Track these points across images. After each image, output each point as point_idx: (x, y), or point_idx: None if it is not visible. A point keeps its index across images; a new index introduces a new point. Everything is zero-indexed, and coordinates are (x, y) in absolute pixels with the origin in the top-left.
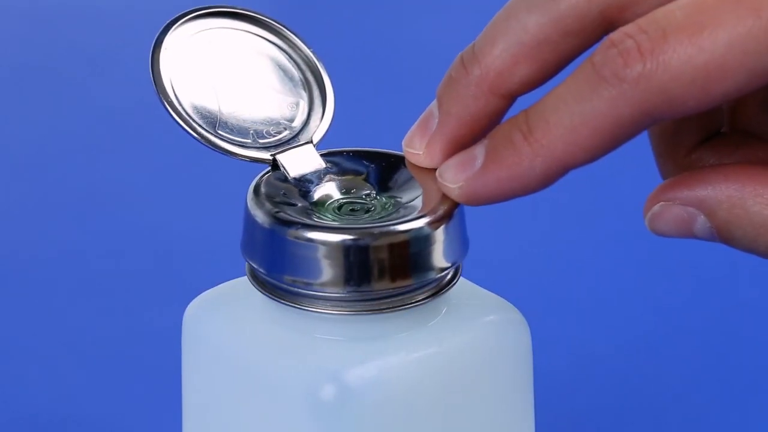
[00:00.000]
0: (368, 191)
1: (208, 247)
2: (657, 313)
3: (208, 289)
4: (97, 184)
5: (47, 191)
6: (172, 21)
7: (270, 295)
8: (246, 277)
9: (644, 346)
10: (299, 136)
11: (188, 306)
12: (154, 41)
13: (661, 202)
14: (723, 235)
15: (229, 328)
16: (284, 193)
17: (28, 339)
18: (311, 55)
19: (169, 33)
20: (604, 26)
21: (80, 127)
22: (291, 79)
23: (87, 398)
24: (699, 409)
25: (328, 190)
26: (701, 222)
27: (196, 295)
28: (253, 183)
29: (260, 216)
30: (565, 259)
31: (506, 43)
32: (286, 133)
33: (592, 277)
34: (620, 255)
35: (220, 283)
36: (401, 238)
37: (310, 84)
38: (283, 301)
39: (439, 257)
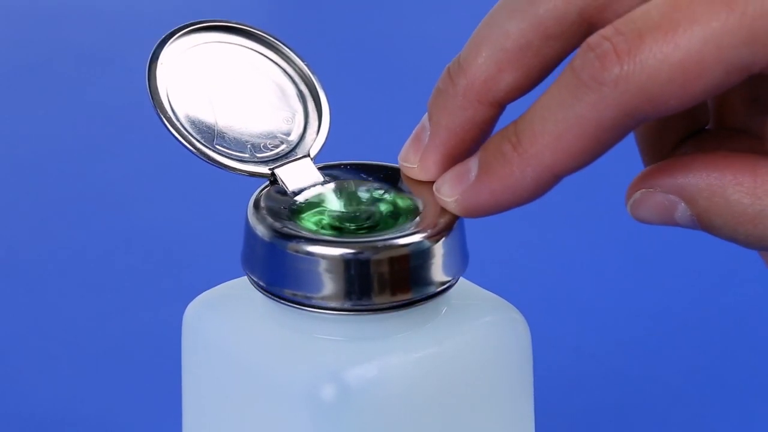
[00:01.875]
0: (375, 186)
1: (208, 247)
2: (656, 313)
3: (208, 289)
4: (96, 184)
5: (47, 191)
6: (167, 35)
7: (270, 296)
8: (246, 277)
9: (644, 345)
10: (296, 150)
11: (188, 306)
12: (150, 55)
13: (642, 189)
14: (703, 223)
15: (229, 328)
16: (284, 207)
17: (27, 338)
18: (306, 68)
19: (165, 47)
20: (584, 27)
21: (80, 128)
22: (286, 92)
23: (86, 398)
24: (699, 408)
25: (328, 199)
26: (682, 209)
27: (196, 295)
28: (253, 197)
29: (260, 230)
30: (564, 259)
31: (489, 51)
32: (283, 146)
33: (592, 276)
34: (620, 254)
35: (220, 283)
36: (402, 251)
37: (305, 97)
38: (283, 301)
39: (438, 271)
